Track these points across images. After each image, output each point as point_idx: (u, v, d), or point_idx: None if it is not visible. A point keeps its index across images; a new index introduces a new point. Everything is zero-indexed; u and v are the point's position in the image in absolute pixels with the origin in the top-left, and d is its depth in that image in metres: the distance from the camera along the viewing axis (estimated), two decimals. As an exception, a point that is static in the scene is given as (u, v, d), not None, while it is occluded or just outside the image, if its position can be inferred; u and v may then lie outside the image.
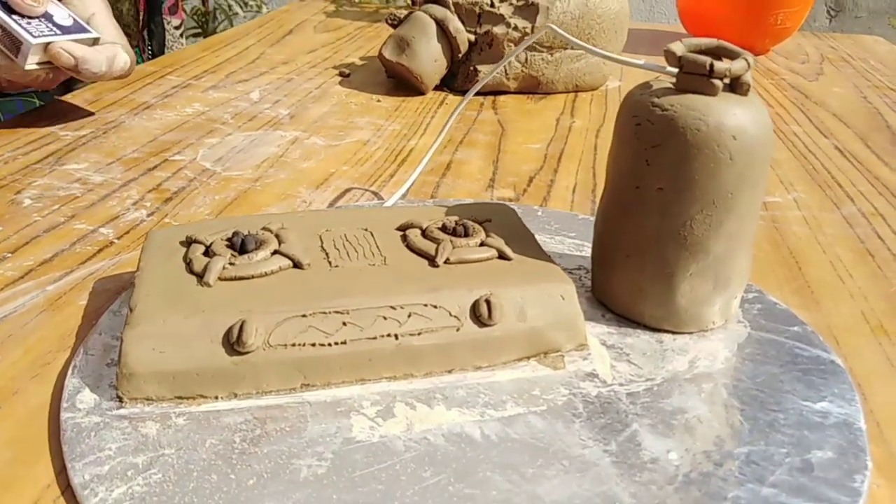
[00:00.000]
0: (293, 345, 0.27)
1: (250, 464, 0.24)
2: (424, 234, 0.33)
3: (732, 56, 0.31)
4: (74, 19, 0.52)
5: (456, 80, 0.70)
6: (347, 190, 0.47)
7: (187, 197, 0.45)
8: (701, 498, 0.24)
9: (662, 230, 0.31)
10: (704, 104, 0.29)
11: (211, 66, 0.74)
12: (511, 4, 0.68)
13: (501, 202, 0.37)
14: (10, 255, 0.38)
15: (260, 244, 0.31)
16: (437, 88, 0.69)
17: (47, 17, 0.51)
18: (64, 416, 0.26)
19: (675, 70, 0.31)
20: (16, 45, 0.49)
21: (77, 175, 0.47)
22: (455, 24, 0.66)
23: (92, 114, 0.59)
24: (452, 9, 0.68)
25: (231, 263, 0.30)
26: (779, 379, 0.29)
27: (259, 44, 0.85)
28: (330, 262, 0.31)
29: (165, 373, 0.27)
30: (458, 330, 0.29)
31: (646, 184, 0.31)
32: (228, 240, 0.31)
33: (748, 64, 0.30)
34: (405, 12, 0.70)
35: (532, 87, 0.70)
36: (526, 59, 0.68)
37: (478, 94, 0.69)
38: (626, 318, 0.33)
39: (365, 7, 1.11)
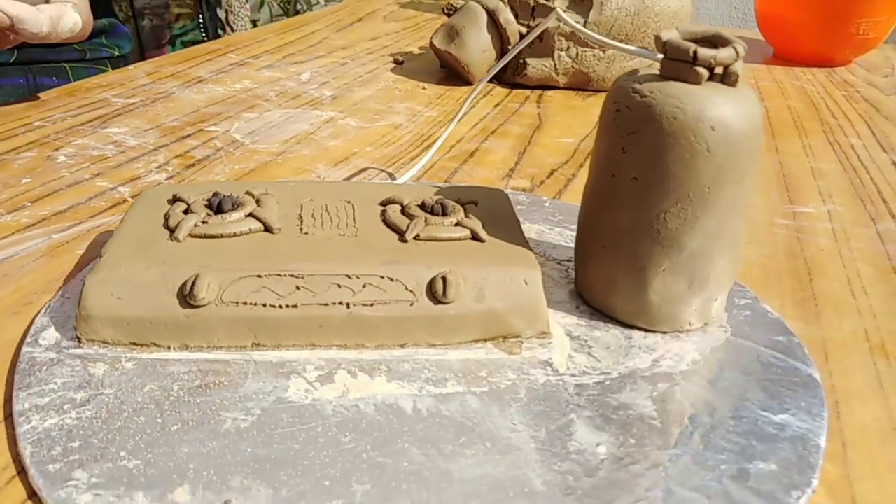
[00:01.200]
0: (245, 303, 0.28)
1: (180, 411, 0.25)
2: (403, 210, 0.33)
3: (726, 45, 0.29)
4: None
5: (505, 71, 0.69)
6: (364, 169, 0.48)
7: (209, 164, 0.47)
8: (614, 493, 0.23)
9: (636, 222, 0.30)
10: (685, 92, 0.28)
11: (272, 48, 0.77)
12: (567, -1, 0.67)
13: (496, 188, 0.37)
14: (29, 204, 0.40)
15: (236, 206, 0.32)
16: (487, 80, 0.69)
17: None
18: (24, 349, 0.28)
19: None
20: None
21: (114, 138, 0.50)
22: (506, 16, 0.66)
23: (147, 84, 0.62)
24: (505, 1, 0.67)
25: (204, 222, 0.31)
26: (742, 386, 0.28)
27: (325, 29, 0.87)
28: (301, 229, 0.31)
29: (121, 318, 0.28)
30: (411, 305, 0.29)
31: (621, 173, 0.30)
32: (208, 200, 0.32)
33: (737, 53, 0.28)
34: (462, 2, 0.70)
35: (582, 84, 0.69)
36: (577, 54, 0.67)
37: (526, 87, 0.68)
38: (601, 312, 0.32)
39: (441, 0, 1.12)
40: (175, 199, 0.33)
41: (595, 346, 0.30)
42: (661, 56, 0.30)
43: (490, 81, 0.69)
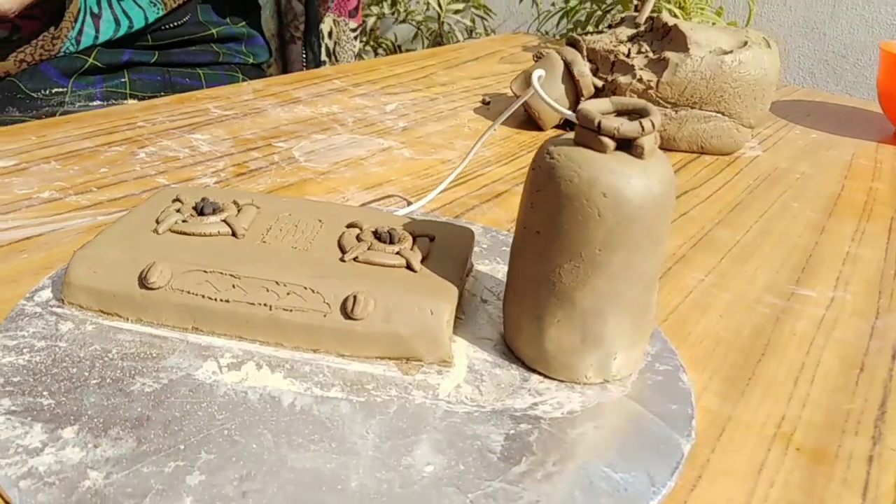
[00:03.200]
0: (188, 292, 0.33)
1: (104, 370, 0.31)
2: (359, 235, 0.37)
3: (643, 117, 0.31)
4: None
5: (578, 122, 0.71)
6: (388, 196, 0.52)
7: (256, 176, 0.53)
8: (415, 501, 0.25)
9: (537, 273, 0.32)
10: (584, 158, 0.30)
11: (378, 77, 0.83)
12: (646, 56, 0.68)
13: (468, 227, 0.40)
14: (95, 189, 0.48)
15: (216, 211, 0.37)
16: (558, 127, 0.72)
17: None
18: (20, 302, 0.34)
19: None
20: None
21: (193, 143, 0.58)
22: (580, 68, 0.68)
23: (248, 100, 0.70)
24: (584, 53, 0.69)
25: (184, 221, 0.36)
26: (599, 442, 0.29)
27: (437, 65, 0.93)
28: (263, 239, 0.36)
29: (93, 289, 0.34)
30: (325, 316, 0.33)
31: (529, 226, 0.32)
32: (196, 203, 0.38)
33: (642, 128, 0.30)
34: (550, 50, 0.73)
35: (652, 141, 0.69)
36: (648, 112, 0.68)
37: (595, 138, 0.70)
38: (514, 353, 0.34)
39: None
40: (176, 200, 0.39)
41: (487, 382, 0.32)
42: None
43: (562, 128, 0.72)
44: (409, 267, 0.35)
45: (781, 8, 1.39)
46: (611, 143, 0.30)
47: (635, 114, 0.32)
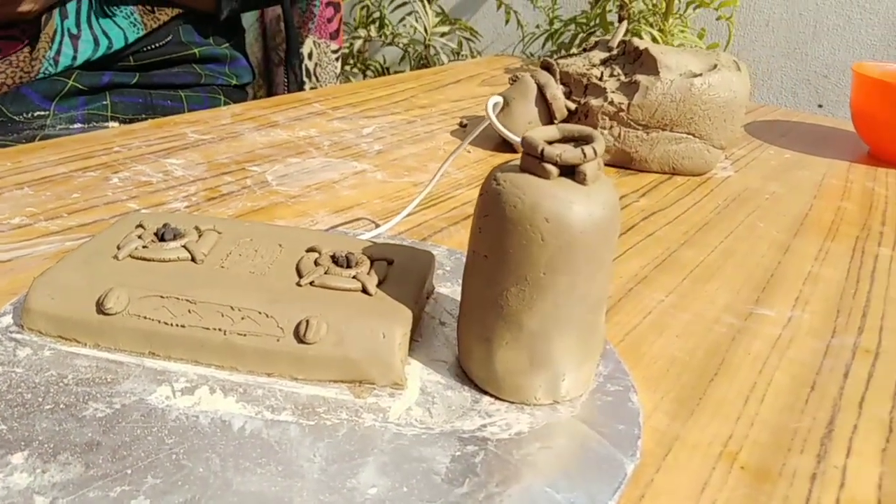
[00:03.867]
0: (145, 318, 0.34)
1: (58, 395, 0.31)
2: (317, 259, 0.38)
3: (588, 144, 0.32)
4: None
5: (552, 144, 0.72)
6: (357, 219, 0.53)
7: (227, 200, 0.54)
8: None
9: (485, 296, 0.32)
10: (528, 184, 0.31)
11: (358, 101, 0.84)
12: (617, 80, 0.69)
13: (427, 250, 0.40)
14: (65, 214, 0.49)
15: (177, 237, 0.38)
16: (533, 149, 0.72)
17: None
18: (-20, 328, 0.35)
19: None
20: None
21: (168, 168, 0.58)
22: (553, 91, 0.69)
23: (226, 124, 0.71)
24: (557, 77, 0.71)
25: (145, 247, 0.37)
26: (544, 463, 0.30)
27: (418, 88, 0.94)
28: (222, 265, 0.37)
29: (51, 315, 0.34)
30: (278, 340, 0.33)
31: (478, 250, 0.33)
32: (158, 229, 0.39)
33: (584, 155, 0.31)
34: (525, 73, 0.74)
35: (625, 163, 0.70)
36: (620, 134, 0.69)
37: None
38: (467, 374, 0.35)
39: (552, 68, 1.16)
40: (139, 226, 0.40)
41: (438, 404, 0.33)
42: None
43: (537, 151, 0.72)
44: (364, 290, 0.36)
45: (763, 29, 1.41)
46: (554, 170, 0.31)
47: (581, 140, 0.33)
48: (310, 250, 0.39)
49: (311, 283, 0.36)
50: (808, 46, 1.39)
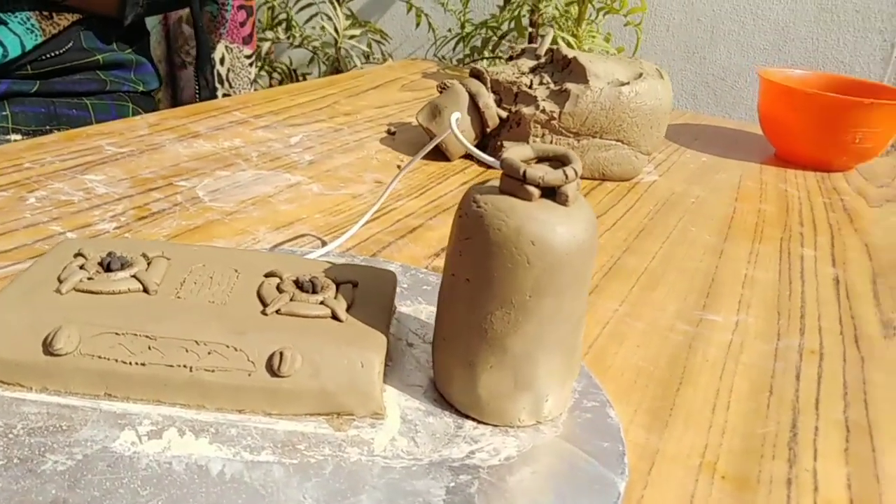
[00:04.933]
0: (100, 357, 0.31)
1: (11, 448, 0.28)
2: (279, 285, 0.36)
3: (566, 165, 0.31)
4: None
5: (484, 151, 0.72)
6: (301, 236, 0.51)
7: (159, 219, 0.51)
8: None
9: (468, 320, 0.32)
10: (511, 207, 0.30)
11: (279, 108, 0.82)
12: (548, 88, 0.70)
13: (388, 269, 0.39)
14: (-19, 241, 0.45)
15: (125, 266, 0.35)
16: (466, 157, 0.72)
17: None
18: None
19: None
20: None
21: (88, 185, 0.54)
22: (485, 100, 0.69)
23: (144, 135, 0.67)
24: (488, 85, 0.71)
25: (90, 278, 0.34)
26: (540, 487, 0.29)
27: (338, 94, 0.92)
28: (177, 294, 0.35)
29: (-10, 358, 0.31)
30: (249, 375, 0.31)
31: (458, 273, 0.32)
32: (102, 258, 0.36)
33: (566, 176, 0.30)
34: (454, 81, 0.73)
35: (556, 169, 0.71)
36: (551, 142, 0.69)
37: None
38: (445, 399, 0.34)
39: (466, 72, 1.16)
40: (78, 254, 0.36)
41: (422, 432, 0.32)
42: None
43: (468, 159, 0.72)
44: (334, 317, 0.34)
45: (665, 34, 1.47)
46: (536, 192, 0.31)
47: (556, 160, 0.33)
48: (269, 275, 0.37)
49: (278, 312, 0.34)
50: (706, 51, 1.45)
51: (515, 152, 0.32)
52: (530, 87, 0.70)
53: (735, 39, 1.43)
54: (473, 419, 0.33)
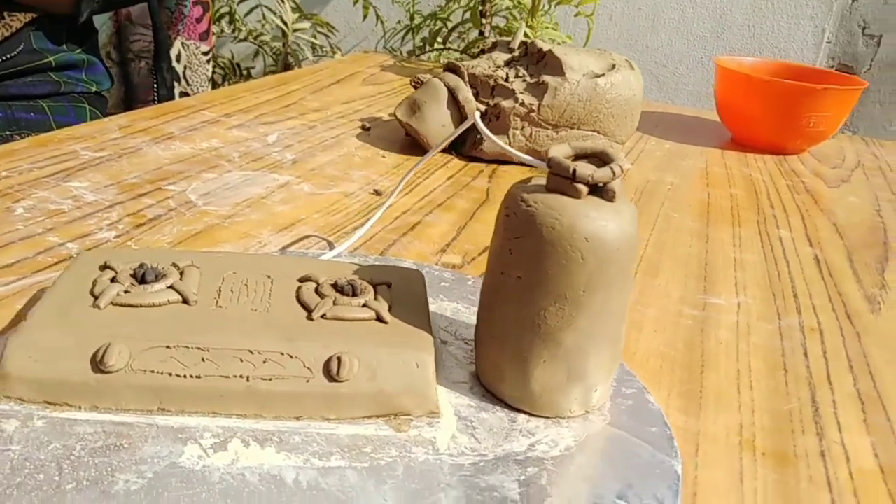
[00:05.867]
0: (152, 371, 0.30)
1: (77, 471, 0.27)
2: (317, 289, 0.36)
3: (609, 162, 0.32)
4: None
5: (464, 145, 0.73)
6: (305, 237, 0.50)
7: (158, 225, 0.49)
8: (457, 572, 0.25)
9: (520, 317, 0.32)
10: (562, 205, 0.31)
11: (247, 106, 0.80)
12: (524, 81, 0.71)
13: (414, 268, 0.40)
14: (-21, 256, 0.43)
15: (159, 277, 0.34)
16: (445, 151, 0.73)
17: None
18: (-57, 403, 0.30)
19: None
20: None
21: (74, 192, 0.53)
22: (465, 94, 0.70)
23: (117, 138, 0.65)
24: (466, 79, 0.71)
25: (126, 291, 0.33)
26: (604, 475, 0.30)
27: (303, 90, 0.91)
28: (217, 303, 0.34)
29: (36, 380, 0.30)
30: (307, 381, 0.31)
31: (508, 271, 0.32)
32: (134, 270, 0.35)
33: (613, 173, 0.31)
34: (427, 77, 0.73)
35: (536, 161, 0.72)
36: (531, 133, 0.71)
37: (482, 161, 0.72)
38: (493, 395, 0.35)
39: (424, 65, 1.16)
40: (105, 267, 0.35)
41: (479, 428, 0.32)
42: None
43: (448, 152, 0.73)
44: (379, 319, 0.34)
45: (608, 23, 1.50)
46: (584, 189, 0.31)
47: (593, 157, 0.34)
48: (304, 280, 0.37)
49: (323, 317, 0.34)
50: (649, 39, 1.49)
51: (558, 150, 0.33)
52: (507, 80, 0.71)
53: (676, 27, 1.47)
54: (525, 412, 0.34)
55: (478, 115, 0.40)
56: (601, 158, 0.33)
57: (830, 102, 0.83)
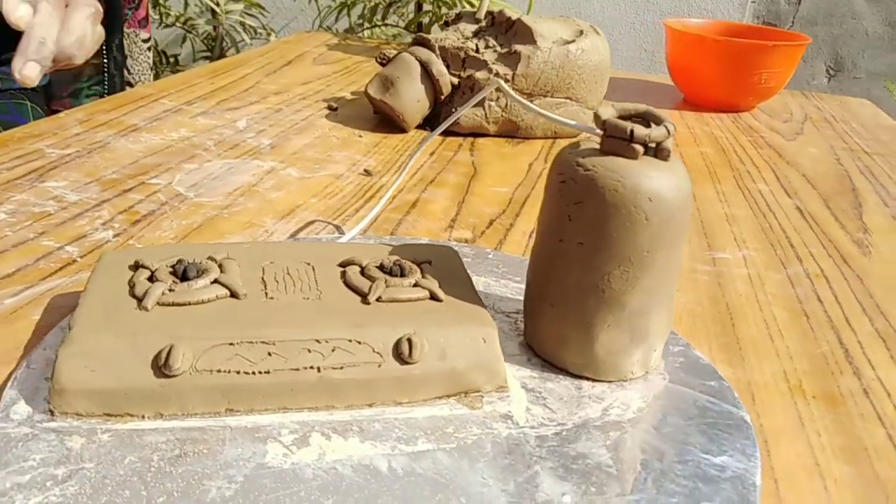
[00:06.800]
0: (219, 371, 0.29)
1: (163, 482, 0.26)
2: (363, 271, 0.35)
3: (657, 122, 0.32)
4: None
5: (438, 120, 0.72)
6: (311, 222, 0.49)
7: (155, 220, 0.47)
8: (581, 541, 0.25)
9: (582, 283, 0.32)
10: (623, 166, 0.31)
11: (205, 93, 0.77)
12: (495, 51, 0.70)
13: (446, 244, 0.39)
14: (-25, 267, 0.39)
15: (201, 272, 0.33)
16: (419, 127, 0.72)
17: None
18: (-6, 425, 0.28)
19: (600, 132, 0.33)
20: None
21: (55, 193, 0.49)
22: (438, 67, 0.69)
23: (80, 133, 0.61)
24: (437, 52, 0.70)
25: (171, 290, 0.32)
26: (684, 431, 0.31)
27: (256, 73, 0.88)
28: (266, 294, 0.33)
29: (95, 391, 0.28)
30: (379, 366, 0.30)
31: (568, 238, 0.32)
32: (172, 267, 0.33)
33: (668, 132, 0.31)
34: (395, 52, 0.72)
35: (511, 132, 0.72)
36: (506, 104, 0.70)
37: (458, 134, 0.71)
38: (551, 363, 0.34)
39: (367, 42, 1.14)
40: (137, 266, 0.33)
41: (549, 398, 0.32)
42: (600, 131, 0.33)
43: (423, 128, 0.72)
44: (433, 297, 0.34)
45: (542, -9, 1.50)
46: (641, 150, 0.31)
47: (637, 117, 0.34)
48: (345, 264, 0.36)
49: (378, 300, 0.33)
50: (582, 6, 1.51)
51: (606, 112, 0.32)
52: (477, 51, 0.70)
53: (608, -7, 1.49)
54: (587, 378, 0.34)
55: (501, 81, 0.39)
56: (645, 119, 0.33)
57: (780, 59, 0.86)
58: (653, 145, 0.32)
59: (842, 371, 0.37)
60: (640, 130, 0.31)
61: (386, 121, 0.72)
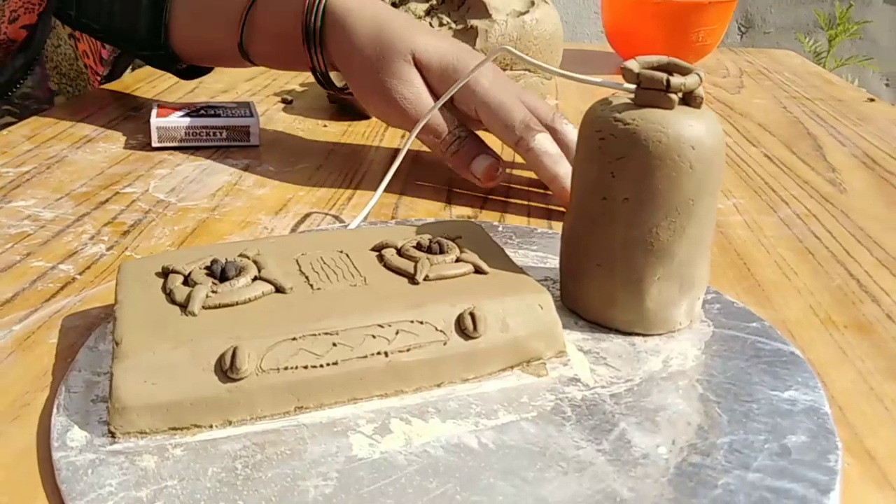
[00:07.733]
0: (285, 368, 0.28)
1: (257, 489, 0.25)
2: (400, 252, 0.34)
3: (683, 72, 0.33)
4: None
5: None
6: (308, 215, 0.47)
7: (145, 229, 0.44)
8: (694, 487, 0.25)
9: (629, 239, 0.32)
10: (663, 117, 0.31)
11: (151, 97, 0.73)
12: (450, 28, 0.70)
13: (467, 220, 0.38)
14: (-33, 296, 0.36)
15: (240, 271, 0.31)
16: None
17: None
18: (56, 455, 0.26)
19: (631, 86, 0.33)
20: None
21: (26, 212, 0.46)
22: (397, 49, 0.67)
23: (31, 149, 0.57)
24: (393, 34, 0.69)
25: (213, 291, 0.30)
26: (747, 372, 0.31)
27: (195, 73, 0.84)
28: (311, 285, 0.31)
29: (158, 405, 0.26)
30: (445, 344, 0.30)
31: (612, 195, 0.32)
32: (207, 268, 0.31)
33: (700, 79, 0.32)
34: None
35: (474, 108, 0.71)
36: (467, 80, 0.70)
37: (422, 116, 0.70)
38: (597, 323, 0.34)
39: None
40: (167, 272, 0.31)
41: (609, 357, 0.32)
42: (628, 85, 0.33)
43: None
44: (478, 271, 0.33)
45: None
46: (676, 99, 0.32)
47: (659, 68, 0.34)
48: (378, 248, 0.35)
49: (426, 278, 0.32)
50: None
51: (634, 66, 0.32)
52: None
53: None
54: (636, 334, 0.34)
55: (507, 47, 0.39)
56: (669, 70, 0.33)
57: (715, 16, 0.88)
58: (681, 95, 0.32)
59: (861, 300, 0.39)
60: (675, 80, 0.31)
61: (345, 108, 0.70)
